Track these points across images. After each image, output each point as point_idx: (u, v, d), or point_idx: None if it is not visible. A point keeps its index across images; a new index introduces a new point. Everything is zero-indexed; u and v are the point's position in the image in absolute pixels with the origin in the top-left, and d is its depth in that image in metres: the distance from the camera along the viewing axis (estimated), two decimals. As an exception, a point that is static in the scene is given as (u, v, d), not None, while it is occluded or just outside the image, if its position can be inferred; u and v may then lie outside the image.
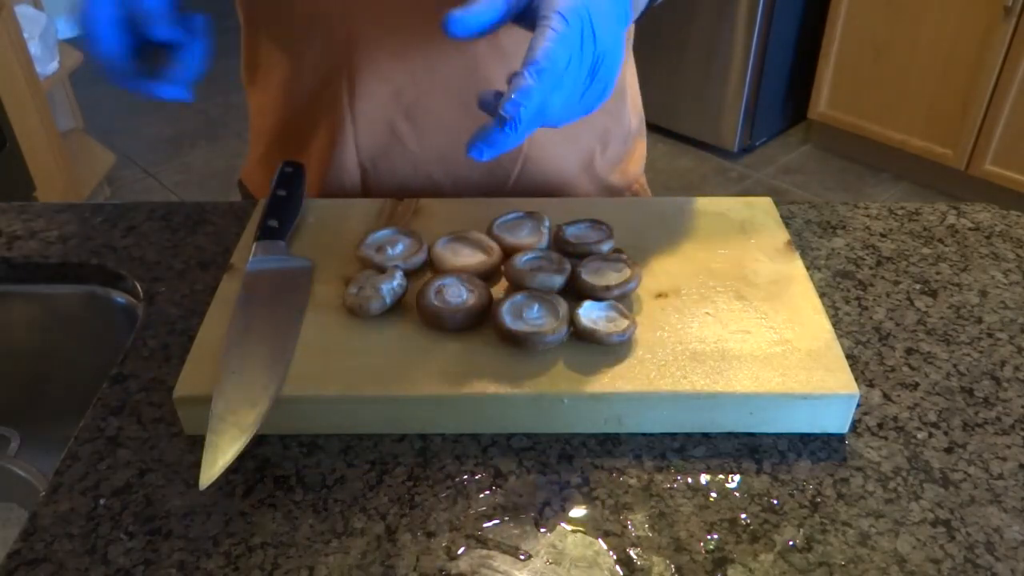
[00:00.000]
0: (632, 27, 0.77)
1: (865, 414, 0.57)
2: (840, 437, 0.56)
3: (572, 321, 0.57)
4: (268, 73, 0.78)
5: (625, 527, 0.50)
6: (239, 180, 0.91)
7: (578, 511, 0.51)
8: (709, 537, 0.50)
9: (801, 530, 0.50)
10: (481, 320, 0.58)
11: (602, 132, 0.81)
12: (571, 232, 0.66)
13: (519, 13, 0.51)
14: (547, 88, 0.48)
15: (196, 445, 0.54)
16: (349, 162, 0.77)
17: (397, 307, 0.60)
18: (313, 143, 0.77)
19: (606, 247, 0.64)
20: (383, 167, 0.77)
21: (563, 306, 0.58)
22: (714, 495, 0.52)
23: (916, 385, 0.60)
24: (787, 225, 0.71)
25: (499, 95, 0.49)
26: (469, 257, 0.64)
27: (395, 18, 0.70)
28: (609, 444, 0.55)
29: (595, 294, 0.59)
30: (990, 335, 0.64)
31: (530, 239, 0.66)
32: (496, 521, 0.51)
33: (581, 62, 0.49)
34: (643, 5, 0.60)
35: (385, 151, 0.76)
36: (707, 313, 0.60)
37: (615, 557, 0.48)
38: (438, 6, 0.67)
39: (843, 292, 0.68)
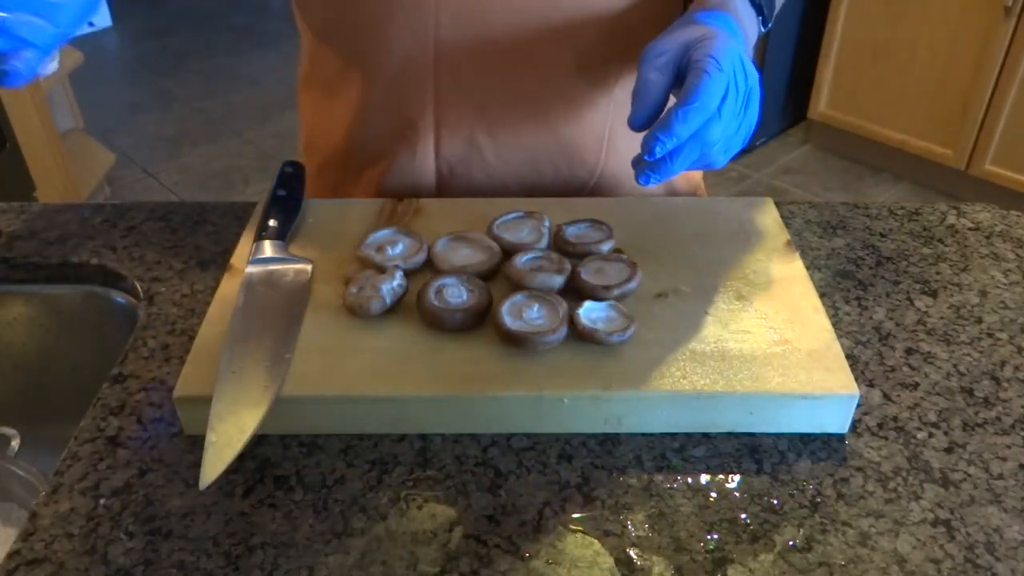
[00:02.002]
0: None
1: (865, 414, 0.57)
2: (840, 437, 0.56)
3: (572, 321, 0.57)
4: (339, 85, 0.77)
5: (625, 527, 0.50)
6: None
7: (578, 511, 0.51)
8: (709, 537, 0.50)
9: (801, 530, 0.50)
10: (481, 320, 0.58)
11: None
12: (571, 232, 0.66)
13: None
14: (697, 125, 0.53)
15: (196, 445, 0.54)
16: (426, 172, 0.77)
17: (397, 307, 0.60)
18: (388, 154, 0.77)
19: (606, 247, 0.64)
20: (460, 174, 0.77)
21: (563, 306, 0.58)
22: (714, 495, 0.52)
23: (916, 385, 0.60)
24: (787, 225, 0.71)
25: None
26: (469, 257, 0.64)
27: (481, 34, 0.70)
28: (609, 444, 0.55)
29: (595, 294, 0.59)
30: (990, 335, 0.64)
31: (530, 239, 0.66)
32: (496, 521, 0.51)
33: (737, 97, 0.55)
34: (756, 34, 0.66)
35: (464, 160, 0.76)
36: (707, 313, 0.60)
37: (615, 557, 0.48)
38: (521, 22, 0.67)
39: (843, 292, 0.68)
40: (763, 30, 0.66)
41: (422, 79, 0.72)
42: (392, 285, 0.59)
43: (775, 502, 0.52)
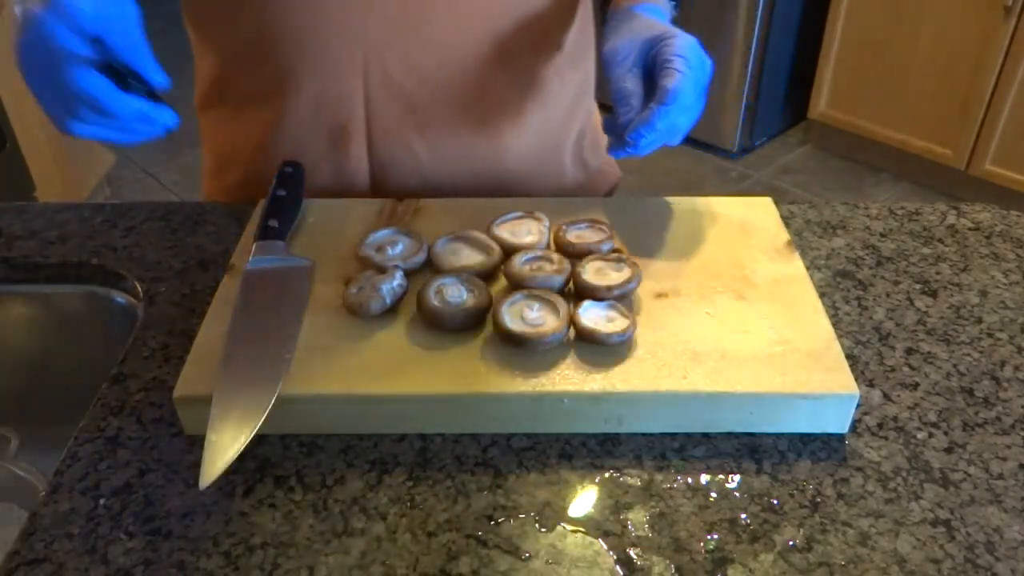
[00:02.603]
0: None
1: (865, 414, 0.57)
2: (840, 437, 0.56)
3: (572, 321, 0.57)
4: (257, 100, 0.76)
5: (625, 527, 0.50)
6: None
7: (578, 511, 0.51)
8: (709, 537, 0.50)
9: (801, 530, 0.50)
10: (481, 320, 0.58)
11: (584, 117, 0.86)
12: (571, 232, 0.66)
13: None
14: (673, 118, 0.60)
15: (196, 445, 0.54)
16: (359, 173, 0.77)
17: (397, 307, 0.60)
18: (319, 159, 0.77)
19: (606, 247, 0.64)
20: (393, 175, 0.78)
21: (563, 306, 0.58)
22: (714, 495, 0.52)
23: (916, 385, 0.60)
24: (787, 225, 0.71)
25: (615, 120, 0.62)
26: (469, 257, 0.64)
27: (409, 40, 0.71)
28: (609, 444, 0.55)
29: (595, 294, 0.59)
30: (990, 335, 0.64)
31: (530, 239, 0.66)
32: (496, 521, 0.51)
33: (704, 87, 0.62)
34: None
35: (397, 161, 0.77)
36: (707, 313, 0.60)
37: (615, 557, 0.48)
38: (448, 23, 0.68)
39: (843, 292, 0.68)
40: (674, 14, 0.71)
41: (352, 86, 0.72)
42: (392, 285, 0.59)
43: (775, 502, 0.52)
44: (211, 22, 0.76)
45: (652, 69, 0.62)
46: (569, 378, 0.55)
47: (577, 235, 0.66)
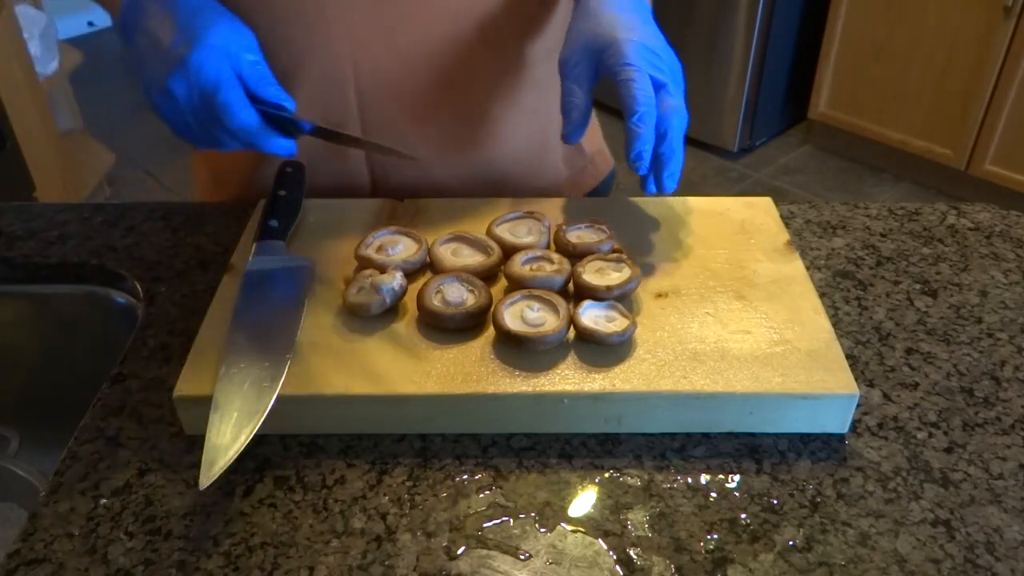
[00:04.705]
0: None
1: (865, 414, 0.57)
2: (840, 437, 0.56)
3: (572, 321, 0.57)
4: None
5: (625, 527, 0.50)
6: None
7: (578, 511, 0.51)
8: (709, 537, 0.50)
9: (801, 530, 0.50)
10: (481, 320, 0.58)
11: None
12: (571, 232, 0.66)
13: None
14: (652, 121, 0.59)
15: (196, 445, 0.54)
16: (360, 175, 0.77)
17: (397, 307, 0.60)
18: (318, 163, 0.77)
19: (606, 247, 0.64)
20: (394, 174, 0.78)
21: (563, 306, 0.58)
22: (714, 495, 0.52)
23: (916, 385, 0.60)
24: (787, 225, 0.71)
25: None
26: (469, 257, 0.64)
27: (397, 39, 0.71)
28: (609, 444, 0.55)
29: (595, 294, 0.59)
30: (990, 335, 0.64)
31: (530, 239, 0.66)
32: (496, 521, 0.51)
33: (671, 73, 0.62)
34: None
35: (396, 161, 0.76)
36: (707, 313, 0.60)
37: (615, 557, 0.48)
38: (432, 7, 0.68)
39: (843, 292, 0.68)
40: None
41: (343, 90, 0.72)
42: (392, 285, 0.59)
43: (775, 502, 0.52)
44: None
45: (608, 78, 0.62)
46: (569, 378, 0.55)
47: (577, 235, 0.66)
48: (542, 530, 0.50)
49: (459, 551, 0.49)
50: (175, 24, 0.58)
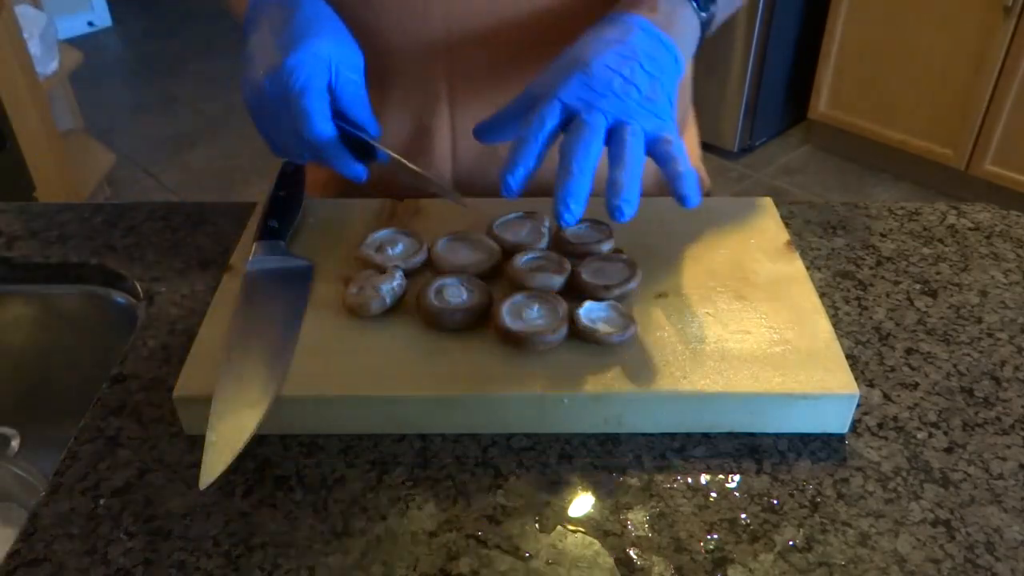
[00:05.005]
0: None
1: (865, 414, 0.57)
2: (840, 437, 0.56)
3: (572, 321, 0.57)
4: None
5: (625, 527, 0.50)
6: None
7: (578, 511, 0.51)
8: (709, 537, 0.50)
9: (801, 530, 0.50)
10: (481, 320, 0.58)
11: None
12: (571, 232, 0.66)
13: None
14: (579, 150, 0.53)
15: (196, 445, 0.54)
16: (443, 176, 0.77)
17: (397, 307, 0.60)
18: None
19: (606, 247, 0.64)
20: (477, 174, 0.78)
21: (563, 306, 0.58)
22: (714, 495, 0.52)
23: (916, 385, 0.60)
24: (787, 225, 0.71)
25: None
26: (469, 257, 0.64)
27: (489, 36, 0.70)
28: (609, 444, 0.55)
29: (595, 294, 0.59)
30: (990, 335, 0.64)
31: (530, 239, 0.66)
32: (496, 521, 0.51)
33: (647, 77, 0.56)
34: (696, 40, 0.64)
35: (479, 160, 0.77)
36: (707, 313, 0.60)
37: (615, 557, 0.48)
38: (525, 18, 0.69)
39: (843, 292, 0.68)
40: (703, 16, 0.64)
41: (435, 85, 0.72)
42: (392, 285, 0.59)
43: (775, 502, 0.52)
44: None
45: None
46: (569, 378, 0.55)
47: (577, 235, 0.66)
48: (542, 530, 0.50)
49: (459, 551, 0.49)
50: (288, 27, 0.58)
